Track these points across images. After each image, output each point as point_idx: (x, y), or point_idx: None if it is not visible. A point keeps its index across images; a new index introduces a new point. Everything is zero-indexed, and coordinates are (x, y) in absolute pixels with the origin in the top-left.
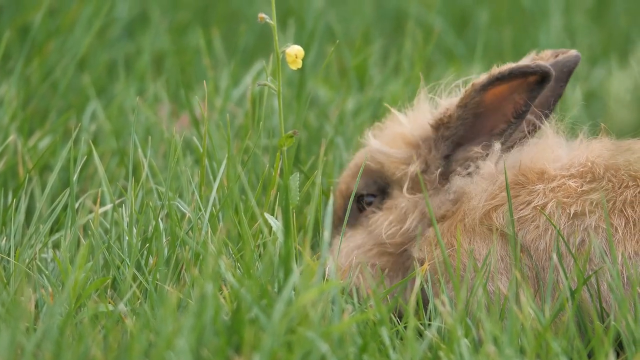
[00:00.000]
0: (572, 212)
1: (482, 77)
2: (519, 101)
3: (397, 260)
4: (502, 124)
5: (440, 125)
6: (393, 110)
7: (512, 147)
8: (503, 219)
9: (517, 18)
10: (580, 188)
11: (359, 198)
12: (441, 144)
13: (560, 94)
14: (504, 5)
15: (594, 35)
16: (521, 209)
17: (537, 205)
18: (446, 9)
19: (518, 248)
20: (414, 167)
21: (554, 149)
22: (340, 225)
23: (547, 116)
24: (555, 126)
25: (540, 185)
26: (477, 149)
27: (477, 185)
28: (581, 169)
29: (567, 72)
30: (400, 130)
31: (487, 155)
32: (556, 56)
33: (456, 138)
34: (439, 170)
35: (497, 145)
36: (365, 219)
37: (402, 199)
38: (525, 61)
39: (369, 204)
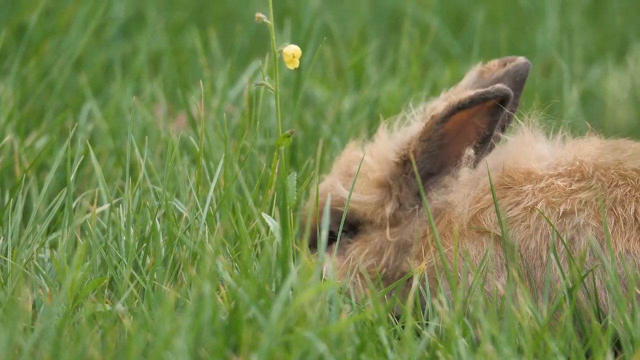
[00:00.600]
0: (562, 210)
1: (441, 108)
2: (480, 125)
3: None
4: (466, 149)
5: (406, 162)
6: (351, 149)
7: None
8: (491, 221)
9: (513, 18)
10: (569, 187)
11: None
12: (411, 180)
13: (517, 104)
14: (500, 4)
15: (590, 35)
16: (510, 210)
17: (527, 206)
18: (442, 8)
19: (515, 248)
20: (390, 209)
21: (534, 147)
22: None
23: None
24: (530, 123)
25: (528, 186)
26: (445, 178)
27: (458, 193)
28: (569, 168)
29: (520, 81)
30: (371, 174)
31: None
32: (504, 65)
33: (424, 171)
34: (414, 206)
35: (469, 152)
36: (340, 255)
37: (375, 235)
38: (477, 75)
39: (334, 239)
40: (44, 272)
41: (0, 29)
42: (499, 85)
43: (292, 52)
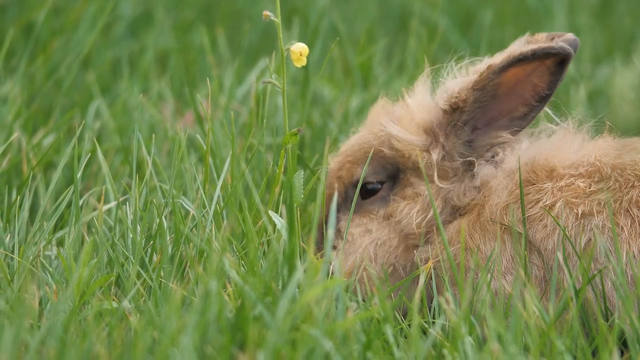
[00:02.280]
0: (580, 212)
1: (500, 58)
2: (539, 84)
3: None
4: (521, 107)
5: (455, 110)
6: (405, 95)
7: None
8: (515, 218)
9: (521, 17)
10: (589, 188)
11: (362, 185)
12: (460, 129)
13: (562, 79)
14: (508, 4)
15: (597, 34)
16: (530, 207)
17: (545, 205)
18: (450, 7)
19: (523, 246)
20: (436, 155)
21: (569, 147)
22: (339, 212)
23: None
24: (570, 123)
25: (548, 184)
26: (503, 134)
27: (499, 181)
28: (590, 169)
29: None
30: (415, 116)
31: (511, 146)
32: (552, 39)
33: (473, 122)
34: (464, 158)
35: (524, 141)
36: (374, 207)
37: (424, 187)
38: (524, 44)
39: (374, 191)
40: (51, 270)
41: (8, 27)
42: (562, 43)
43: (299, 50)
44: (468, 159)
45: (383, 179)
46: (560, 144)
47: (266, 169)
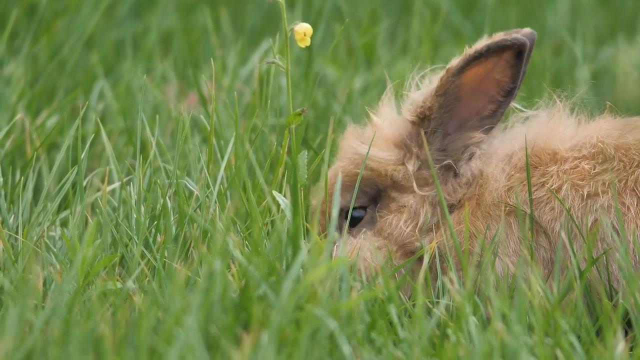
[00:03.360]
0: (586, 193)
1: (456, 61)
2: (502, 79)
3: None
4: (489, 104)
5: (422, 119)
6: (370, 115)
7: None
8: (519, 200)
9: None
10: (594, 170)
11: (345, 214)
12: (431, 137)
13: (525, 72)
14: None
15: (600, 16)
16: (535, 191)
17: (552, 188)
18: None
19: (527, 227)
20: (412, 166)
21: (566, 129)
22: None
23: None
24: (565, 104)
25: (553, 167)
26: (476, 134)
27: (495, 167)
28: (593, 150)
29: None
30: (384, 133)
31: (491, 138)
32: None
33: (443, 127)
34: (440, 163)
35: (500, 131)
36: (366, 229)
37: (407, 198)
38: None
39: (359, 218)
40: (55, 250)
41: (11, 8)
42: (515, 35)
43: (303, 30)
44: (444, 163)
45: (365, 204)
46: (556, 126)
47: (270, 149)
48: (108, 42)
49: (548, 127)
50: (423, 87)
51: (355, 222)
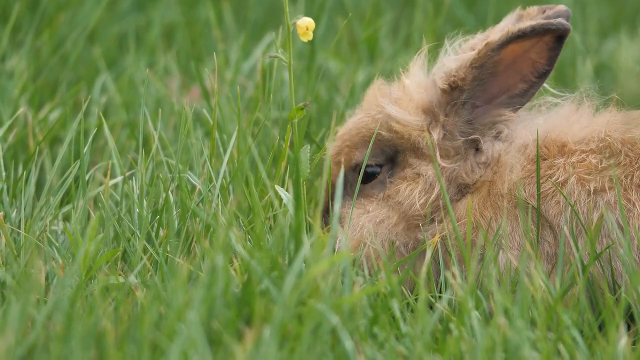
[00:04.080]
0: (592, 188)
1: (497, 35)
2: (538, 60)
3: (419, 235)
4: (521, 84)
5: (454, 89)
6: (401, 76)
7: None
8: (526, 193)
9: None
10: (600, 164)
11: (359, 169)
12: (460, 108)
13: (559, 53)
14: None
15: (604, 8)
16: (542, 183)
17: (557, 181)
18: None
19: (529, 220)
20: (437, 135)
21: (579, 122)
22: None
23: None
24: (579, 97)
25: (560, 160)
26: (504, 112)
27: (512, 157)
28: (600, 145)
29: None
30: (413, 97)
31: (517, 121)
32: (543, 12)
33: (473, 100)
34: (466, 136)
35: (521, 116)
36: (375, 190)
37: (426, 168)
38: (516, 18)
39: (373, 175)
40: (57, 245)
41: (14, 2)
42: (561, 19)
43: (305, 24)
44: (470, 137)
45: (381, 162)
46: (571, 119)
47: (272, 143)
48: (111, 35)
49: (566, 121)
50: (457, 55)
51: (369, 179)
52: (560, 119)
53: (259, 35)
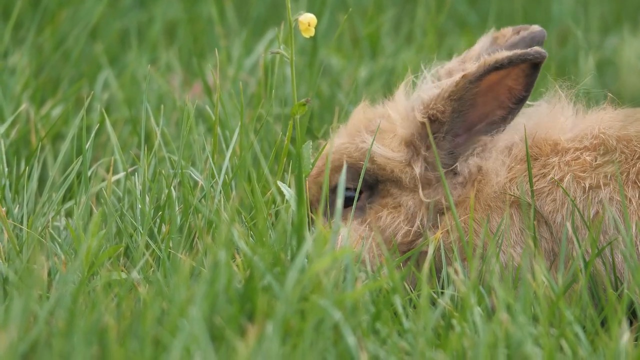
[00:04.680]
0: (587, 185)
1: (474, 67)
2: (515, 87)
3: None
4: (499, 110)
5: (433, 122)
6: (363, 109)
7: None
8: (519, 192)
9: None
10: (595, 162)
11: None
12: (441, 140)
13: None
14: None
15: (606, 4)
16: (536, 182)
17: (553, 179)
18: None
19: (532, 217)
20: (418, 169)
21: (567, 119)
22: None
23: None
24: (566, 94)
25: (554, 158)
26: (484, 139)
27: (495, 160)
28: (594, 142)
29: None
30: (397, 130)
31: (488, 144)
32: (518, 32)
33: (454, 131)
34: (448, 167)
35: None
36: (357, 217)
37: (407, 198)
38: (491, 41)
39: (351, 199)
40: (60, 240)
41: None
42: (537, 48)
43: (307, 20)
44: (453, 167)
45: (361, 188)
46: (554, 116)
47: (275, 139)
48: (113, 32)
49: (549, 118)
50: (432, 86)
51: (347, 203)
52: (543, 117)
53: (261, 31)
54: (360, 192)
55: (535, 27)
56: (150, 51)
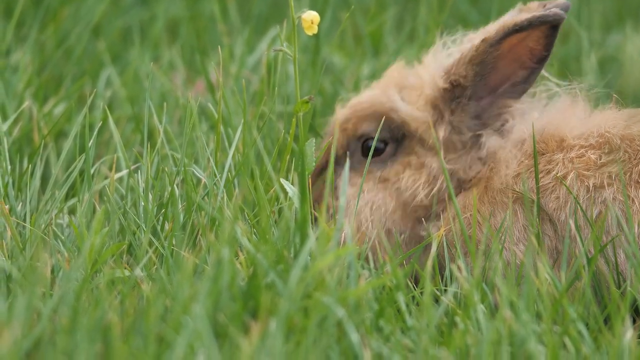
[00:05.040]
0: (591, 184)
1: (494, 30)
2: (535, 47)
3: (415, 226)
4: (520, 71)
5: (455, 86)
6: (418, 64)
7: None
8: (525, 187)
9: None
10: (600, 160)
11: (365, 139)
12: (465, 105)
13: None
14: None
15: (607, 2)
16: (541, 178)
17: (557, 176)
18: None
19: (536, 213)
20: (443, 132)
21: (576, 117)
22: (337, 164)
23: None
24: (577, 91)
25: (559, 155)
26: (510, 102)
27: (508, 151)
28: (600, 140)
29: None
30: (425, 91)
31: (521, 114)
32: (543, 6)
33: (478, 95)
34: (474, 132)
35: (534, 110)
36: (374, 167)
37: (431, 160)
38: (517, 13)
39: (376, 150)
40: (63, 238)
41: None
42: (555, 9)
43: (310, 18)
44: (477, 132)
45: (387, 139)
46: (567, 113)
47: (278, 137)
48: (115, 29)
49: (561, 114)
50: (453, 51)
51: (371, 153)
52: (556, 113)
53: (263, 29)
54: (386, 144)
55: (560, 0)
56: (153, 49)
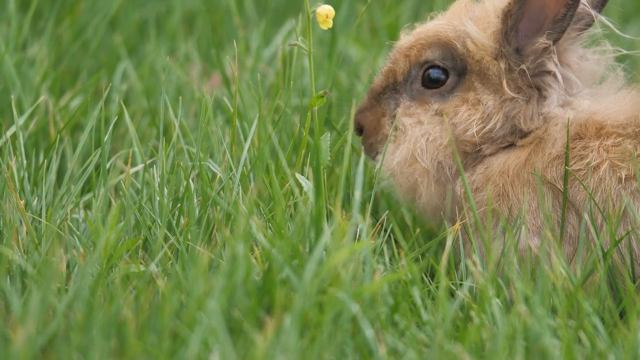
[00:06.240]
0: (624, 175)
1: None
2: None
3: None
4: (561, 8)
5: (507, 17)
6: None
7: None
8: (556, 174)
9: None
10: (636, 151)
11: (427, 67)
12: (510, 35)
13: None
14: None
15: None
16: (573, 163)
17: (591, 165)
18: None
19: (549, 204)
20: (504, 64)
21: (619, 104)
22: (395, 91)
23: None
24: (624, 78)
25: (596, 142)
26: (546, 42)
27: (558, 130)
28: (637, 130)
29: None
30: (491, 21)
31: (581, 95)
32: None
33: (519, 25)
34: (518, 66)
35: (594, 91)
36: (433, 99)
37: (488, 97)
38: None
39: (437, 81)
40: (78, 233)
41: None
42: None
43: (325, 12)
44: (520, 67)
45: (449, 69)
46: (614, 101)
47: (293, 131)
48: (132, 22)
49: (607, 100)
50: None
51: (431, 84)
52: (601, 98)
53: (279, 22)
54: (447, 75)
55: None
56: (169, 42)
